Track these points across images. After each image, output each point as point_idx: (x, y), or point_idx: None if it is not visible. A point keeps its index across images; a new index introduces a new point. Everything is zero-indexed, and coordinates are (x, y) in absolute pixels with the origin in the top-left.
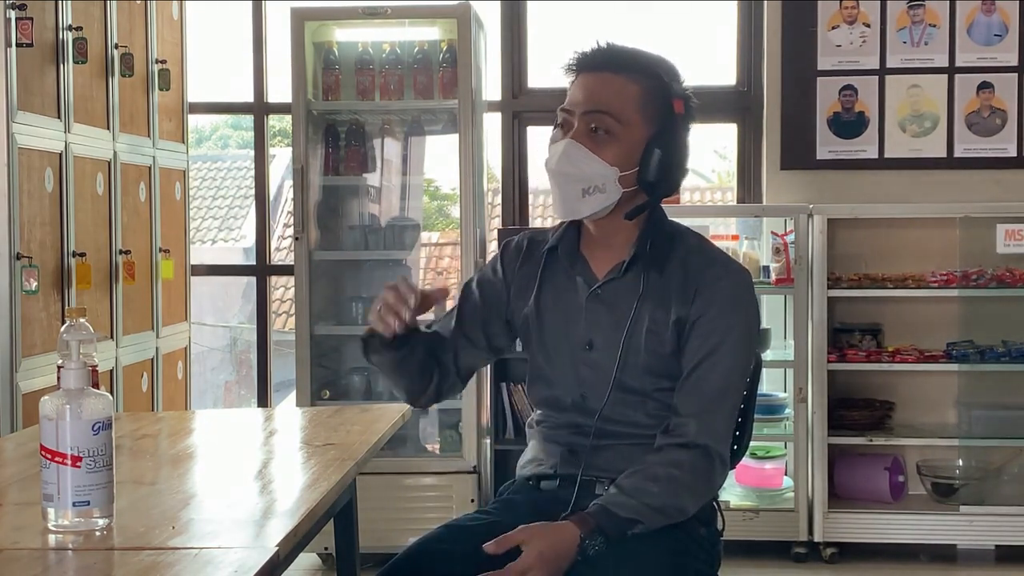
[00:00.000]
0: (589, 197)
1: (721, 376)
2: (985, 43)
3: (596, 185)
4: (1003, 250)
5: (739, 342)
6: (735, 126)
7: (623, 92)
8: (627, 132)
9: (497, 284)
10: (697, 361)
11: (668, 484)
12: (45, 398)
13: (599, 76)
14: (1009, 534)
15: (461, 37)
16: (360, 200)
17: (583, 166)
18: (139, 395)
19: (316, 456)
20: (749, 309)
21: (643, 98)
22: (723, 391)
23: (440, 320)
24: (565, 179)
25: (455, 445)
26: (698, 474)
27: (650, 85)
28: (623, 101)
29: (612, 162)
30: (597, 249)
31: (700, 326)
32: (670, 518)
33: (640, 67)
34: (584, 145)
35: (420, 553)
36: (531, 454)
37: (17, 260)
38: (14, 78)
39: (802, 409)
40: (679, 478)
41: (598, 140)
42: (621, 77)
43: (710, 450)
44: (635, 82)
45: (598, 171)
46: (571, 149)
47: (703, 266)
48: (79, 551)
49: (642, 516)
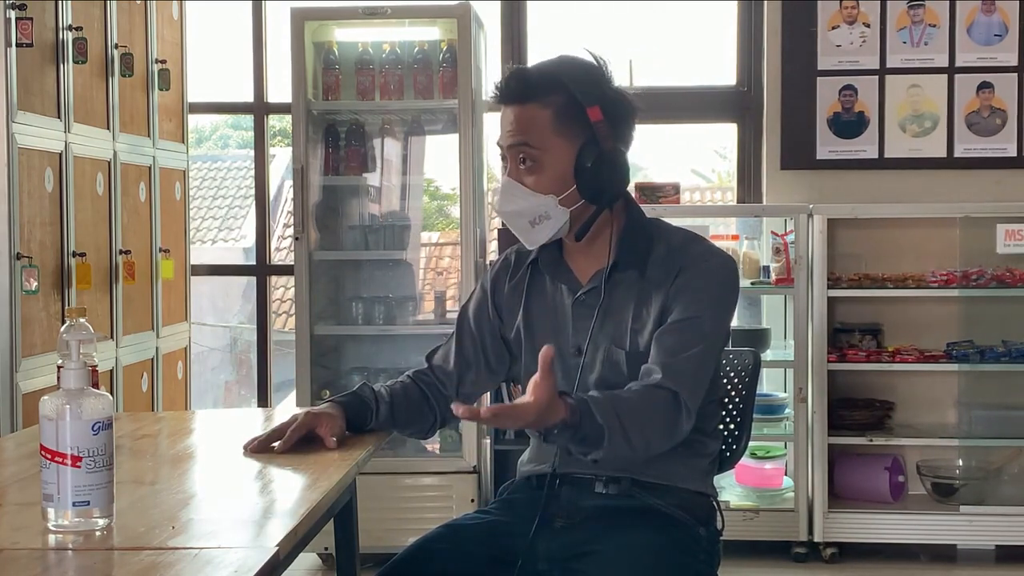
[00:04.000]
0: (539, 227)
1: (695, 338)
2: (985, 43)
3: (539, 215)
4: (1003, 250)
5: (715, 309)
6: (735, 126)
7: (535, 120)
8: (551, 157)
9: (488, 305)
10: (672, 321)
11: (640, 404)
12: (45, 398)
13: (513, 109)
14: (1009, 534)
15: (461, 37)
16: (360, 200)
17: (521, 202)
18: (139, 395)
19: (316, 456)
20: (726, 285)
21: (555, 119)
22: (696, 351)
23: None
24: (511, 216)
25: (455, 445)
26: (665, 412)
27: (560, 103)
28: (537, 129)
29: (546, 190)
30: (579, 257)
31: (676, 296)
32: (631, 445)
33: (546, 88)
34: (519, 179)
35: (420, 553)
36: (531, 454)
37: (17, 260)
38: (14, 78)
39: (802, 409)
40: (649, 406)
41: (524, 171)
42: (530, 105)
43: (679, 396)
44: (544, 106)
45: (535, 203)
46: (508, 187)
47: (684, 255)
48: (79, 551)
49: (611, 428)
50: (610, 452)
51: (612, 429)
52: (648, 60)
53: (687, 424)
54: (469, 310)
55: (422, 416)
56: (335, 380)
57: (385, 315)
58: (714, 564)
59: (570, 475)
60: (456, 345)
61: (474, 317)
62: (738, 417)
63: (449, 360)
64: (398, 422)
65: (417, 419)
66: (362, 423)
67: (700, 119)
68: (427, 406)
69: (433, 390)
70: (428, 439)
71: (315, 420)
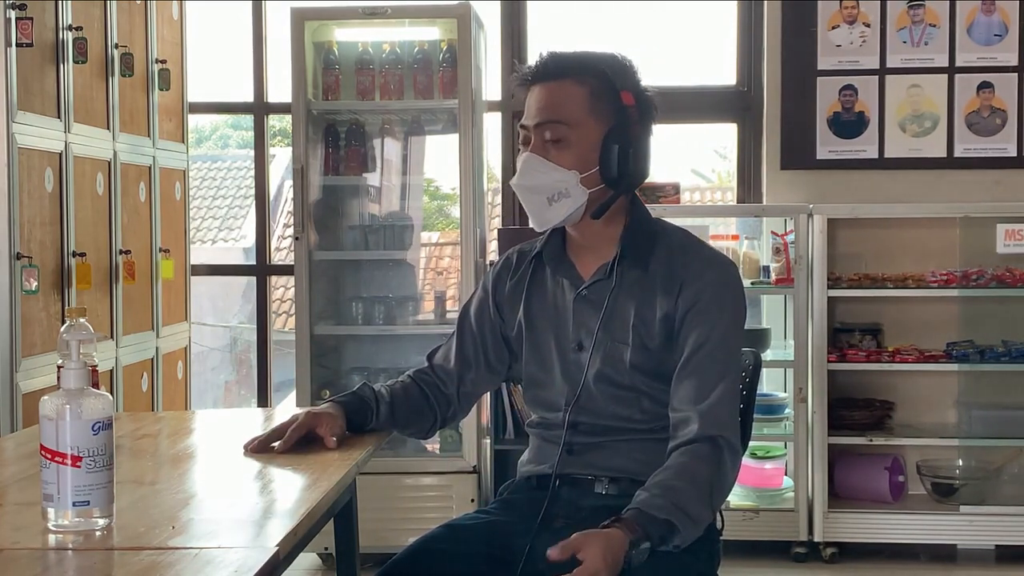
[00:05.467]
0: (556, 204)
1: (716, 365)
2: (985, 43)
3: (560, 191)
4: (1003, 250)
5: (729, 331)
6: (735, 126)
7: (570, 96)
8: (580, 134)
9: (489, 305)
10: (690, 353)
11: (692, 481)
12: (45, 398)
13: (546, 86)
14: (1009, 534)
15: (461, 37)
16: (360, 200)
17: (543, 176)
18: (139, 395)
19: (316, 456)
20: (736, 298)
21: (591, 98)
22: (720, 379)
23: (440, 351)
24: (529, 191)
25: (455, 445)
26: (714, 467)
27: (596, 84)
28: (571, 105)
29: (570, 166)
30: (582, 252)
31: (689, 320)
32: (698, 520)
33: (584, 68)
34: (542, 156)
35: (420, 553)
36: (531, 454)
37: (17, 260)
38: (14, 78)
39: (802, 409)
40: (699, 473)
41: (552, 148)
42: (566, 82)
43: (718, 441)
44: (580, 84)
45: (558, 177)
46: (530, 161)
47: (687, 261)
48: (79, 551)
49: (675, 518)
50: (688, 533)
51: (675, 516)
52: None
53: (733, 464)
54: (470, 309)
55: (422, 416)
56: (335, 380)
57: (385, 315)
58: (714, 564)
59: (570, 475)
60: (457, 344)
61: (475, 316)
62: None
63: (450, 359)
64: (398, 422)
65: (417, 419)
66: (362, 423)
67: (700, 119)
68: (427, 406)
69: (434, 389)
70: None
71: (315, 420)
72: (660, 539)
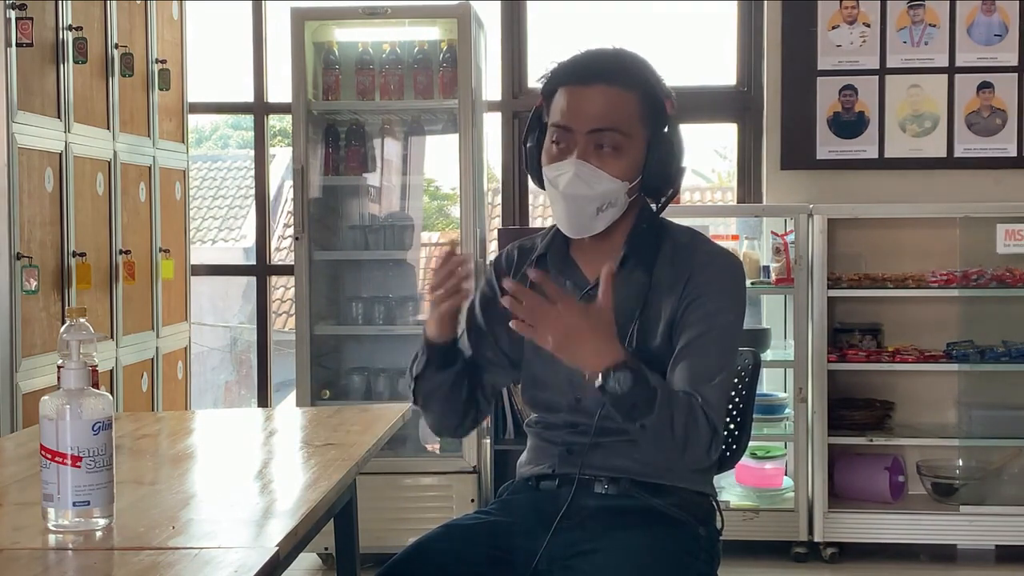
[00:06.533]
0: (602, 214)
1: (714, 354)
2: (985, 43)
3: (609, 201)
4: (1003, 250)
5: (731, 323)
6: (735, 126)
7: (625, 105)
8: (632, 144)
9: (494, 300)
10: (688, 340)
11: (680, 404)
12: (45, 398)
13: (595, 90)
14: (1009, 534)
15: (461, 37)
16: (360, 200)
17: (596, 186)
18: (139, 395)
19: (316, 456)
20: (738, 292)
21: (641, 107)
22: (717, 368)
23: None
24: (578, 200)
25: (455, 445)
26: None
27: (644, 92)
28: (626, 115)
29: (621, 176)
30: (587, 252)
31: (691, 310)
32: (673, 432)
33: (631, 74)
34: (592, 163)
35: (420, 553)
36: (530, 454)
37: (17, 260)
38: (14, 78)
39: (802, 409)
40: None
41: (604, 156)
42: (616, 89)
43: (710, 417)
44: (631, 92)
45: (612, 188)
46: (582, 170)
47: (693, 255)
48: (79, 551)
49: (660, 395)
50: (653, 425)
51: (660, 394)
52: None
53: (715, 444)
54: (476, 309)
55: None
56: (335, 380)
57: (385, 315)
58: (714, 564)
59: (570, 476)
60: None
61: (482, 315)
62: (738, 417)
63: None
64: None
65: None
66: (454, 358)
67: (700, 119)
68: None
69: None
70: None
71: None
72: (640, 389)
